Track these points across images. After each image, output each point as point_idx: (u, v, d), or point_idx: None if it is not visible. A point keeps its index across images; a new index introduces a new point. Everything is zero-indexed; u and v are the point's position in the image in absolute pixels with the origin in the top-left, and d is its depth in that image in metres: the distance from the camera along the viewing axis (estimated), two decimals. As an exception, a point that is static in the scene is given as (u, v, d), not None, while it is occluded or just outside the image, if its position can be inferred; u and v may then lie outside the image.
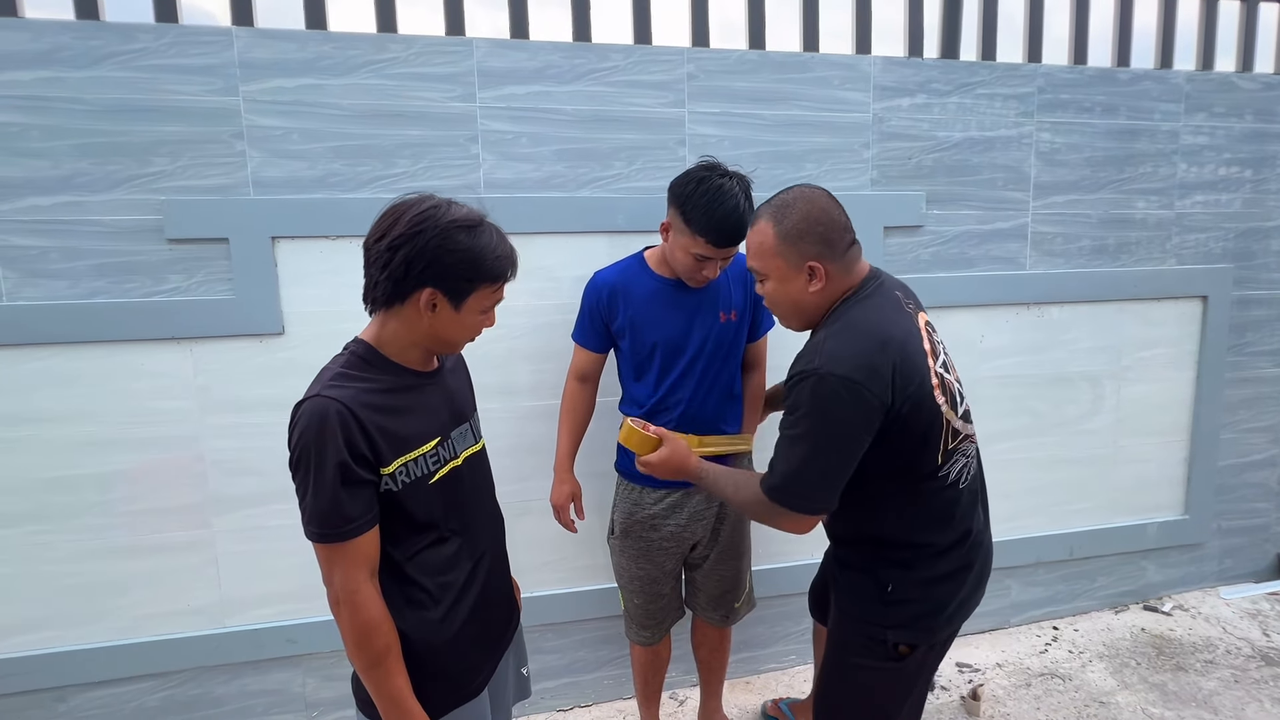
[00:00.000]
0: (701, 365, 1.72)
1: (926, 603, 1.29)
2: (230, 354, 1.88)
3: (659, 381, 1.73)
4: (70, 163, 1.75)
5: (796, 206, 1.24)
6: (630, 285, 1.73)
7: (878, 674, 1.31)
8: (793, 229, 1.23)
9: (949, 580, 1.29)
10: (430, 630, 1.11)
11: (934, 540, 1.28)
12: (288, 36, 1.82)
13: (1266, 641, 2.52)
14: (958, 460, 1.27)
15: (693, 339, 1.70)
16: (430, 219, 1.03)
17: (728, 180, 1.54)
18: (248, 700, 2.03)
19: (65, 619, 1.89)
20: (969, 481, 1.31)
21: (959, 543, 1.29)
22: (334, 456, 0.98)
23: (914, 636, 1.29)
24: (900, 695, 1.34)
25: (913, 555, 1.28)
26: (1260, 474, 2.80)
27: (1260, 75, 2.57)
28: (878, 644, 1.30)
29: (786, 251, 1.24)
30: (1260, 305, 2.67)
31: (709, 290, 1.70)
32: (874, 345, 1.17)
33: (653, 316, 1.71)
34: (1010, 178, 2.36)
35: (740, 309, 1.74)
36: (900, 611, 1.29)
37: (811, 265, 1.23)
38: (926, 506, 1.26)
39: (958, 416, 1.26)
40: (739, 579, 1.90)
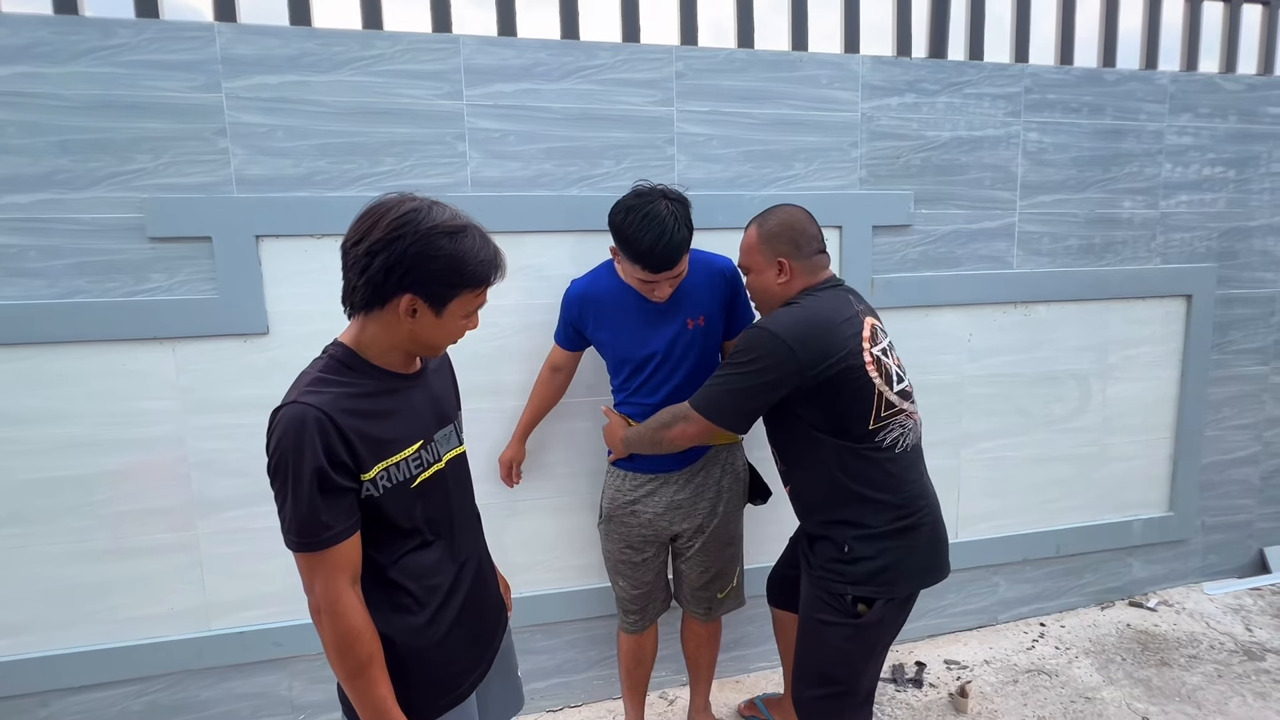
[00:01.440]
0: (668, 369, 1.76)
1: (880, 558, 1.47)
2: (214, 354, 1.86)
3: (628, 383, 1.81)
4: (50, 159, 1.73)
5: (776, 214, 1.58)
6: (599, 294, 1.78)
7: (841, 629, 1.50)
8: (769, 230, 1.56)
9: (899, 536, 1.49)
10: (416, 635, 1.10)
11: (878, 499, 1.48)
12: (271, 32, 1.80)
13: (1249, 636, 2.55)
14: (893, 429, 1.49)
15: (658, 345, 1.74)
16: (410, 223, 0.99)
17: (657, 204, 1.56)
18: (233, 704, 2.01)
19: (47, 623, 1.86)
20: (908, 450, 1.52)
21: (903, 505, 1.50)
22: (311, 464, 0.96)
23: (871, 591, 1.48)
24: (863, 648, 1.52)
25: (859, 513, 1.49)
26: (1243, 471, 2.83)
27: (1244, 76, 2.59)
28: (839, 599, 1.50)
29: (764, 248, 1.56)
30: (1243, 304, 2.70)
31: (675, 297, 1.72)
32: (803, 321, 1.45)
33: (618, 324, 1.77)
34: (998, 177, 2.37)
35: (710, 313, 1.76)
36: (857, 569, 1.48)
37: (780, 261, 1.54)
38: (866, 467, 1.48)
39: (893, 391, 1.49)
40: (723, 571, 1.91)
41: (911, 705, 2.23)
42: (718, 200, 2.10)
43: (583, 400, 2.09)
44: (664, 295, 1.67)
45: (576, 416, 2.11)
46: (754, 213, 2.09)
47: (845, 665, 1.53)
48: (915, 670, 2.39)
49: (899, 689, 2.31)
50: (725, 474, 1.86)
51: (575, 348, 1.90)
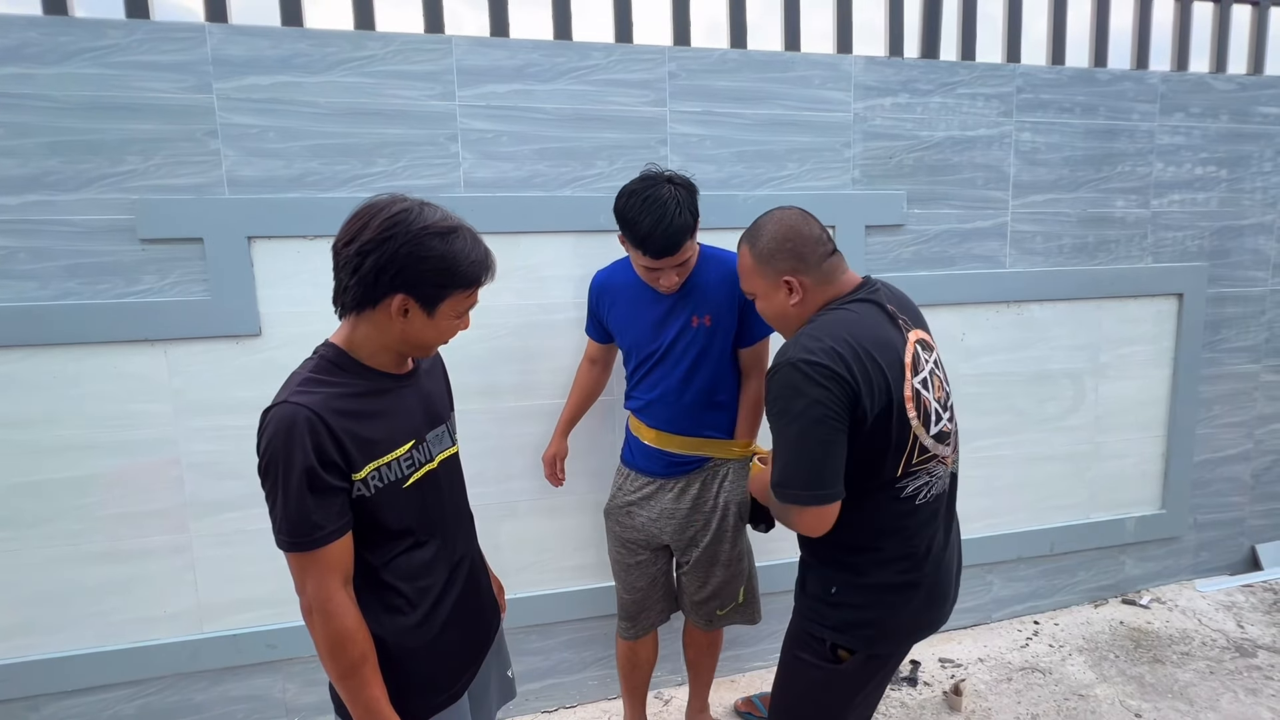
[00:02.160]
0: (668, 366, 1.72)
1: (867, 610, 1.29)
2: (206, 355, 1.86)
3: (635, 378, 1.80)
4: (39, 161, 1.72)
5: (767, 227, 1.31)
6: (616, 285, 1.78)
7: (817, 671, 1.33)
8: (765, 249, 1.29)
9: (893, 593, 1.29)
10: (408, 636, 1.09)
11: (881, 548, 1.27)
12: (262, 33, 1.80)
13: (1241, 633, 2.57)
14: (920, 477, 1.26)
15: (661, 341, 1.71)
16: (401, 224, 1.00)
17: (660, 189, 1.53)
18: (227, 706, 2.00)
19: (38, 626, 1.86)
20: (929, 501, 1.29)
21: (907, 557, 1.28)
22: (302, 464, 0.96)
23: (850, 642, 1.30)
24: (837, 697, 1.34)
25: (858, 559, 1.29)
26: (1235, 468, 2.84)
27: (1234, 76, 2.61)
28: (817, 641, 1.32)
29: (763, 269, 1.30)
30: (1235, 302, 2.71)
31: (684, 293, 1.69)
32: (837, 340, 1.18)
33: (628, 317, 1.76)
34: (990, 177, 2.38)
35: (718, 313, 1.69)
36: (840, 614, 1.30)
37: (787, 280, 1.27)
38: (877, 514, 1.26)
39: (929, 435, 1.25)
40: (721, 590, 1.85)
41: (906, 704, 2.24)
42: (711, 201, 2.09)
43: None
44: (670, 285, 1.62)
45: (571, 417, 2.11)
46: (747, 213, 2.11)
47: (817, 711, 1.36)
48: (910, 669, 2.40)
49: (893, 687, 2.31)
50: (725, 491, 1.79)
51: (603, 339, 1.89)
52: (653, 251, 1.54)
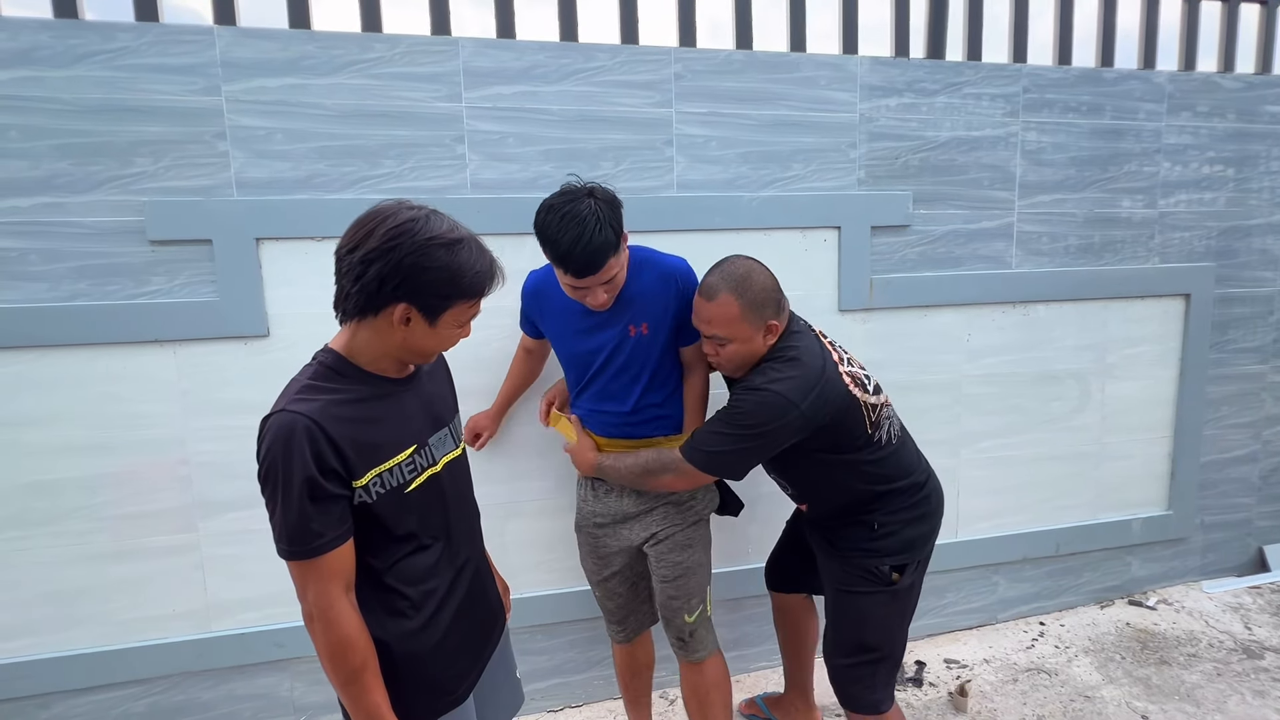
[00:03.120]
0: (608, 378, 1.66)
1: (907, 530, 1.63)
2: (214, 356, 1.87)
3: (575, 388, 1.75)
4: (50, 163, 1.73)
5: (754, 279, 1.52)
6: (549, 293, 1.69)
7: (879, 598, 1.63)
8: (754, 300, 1.51)
9: (918, 508, 1.65)
10: (412, 639, 1.10)
11: (894, 485, 1.62)
12: (270, 36, 1.81)
13: (1248, 635, 2.56)
14: (883, 425, 1.61)
15: (597, 354, 1.65)
16: (407, 233, 0.99)
17: (580, 203, 1.43)
18: (235, 705, 2.01)
19: (48, 625, 1.87)
20: (899, 434, 1.66)
21: (914, 483, 1.65)
22: (301, 472, 0.95)
23: (904, 558, 1.62)
24: (900, 612, 1.67)
25: (884, 500, 1.62)
26: (1242, 469, 2.83)
27: (1242, 75, 2.60)
28: (875, 573, 1.62)
29: (751, 318, 1.51)
30: (1242, 303, 2.70)
31: (617, 303, 1.60)
32: (815, 376, 1.50)
33: (561, 329, 1.70)
34: (996, 177, 2.37)
35: (655, 320, 1.63)
36: (888, 542, 1.62)
37: (771, 324, 1.54)
38: (876, 465, 1.60)
39: (870, 394, 1.59)
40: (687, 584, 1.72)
41: (911, 704, 2.24)
42: (716, 201, 2.10)
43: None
44: (600, 303, 1.54)
45: (576, 417, 2.12)
46: (751, 214, 2.13)
47: (884, 631, 1.65)
48: (915, 669, 2.40)
49: (899, 688, 2.31)
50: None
51: (537, 336, 1.86)
52: (573, 270, 1.45)
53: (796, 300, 1.94)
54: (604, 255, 1.44)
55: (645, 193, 2.07)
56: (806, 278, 2.22)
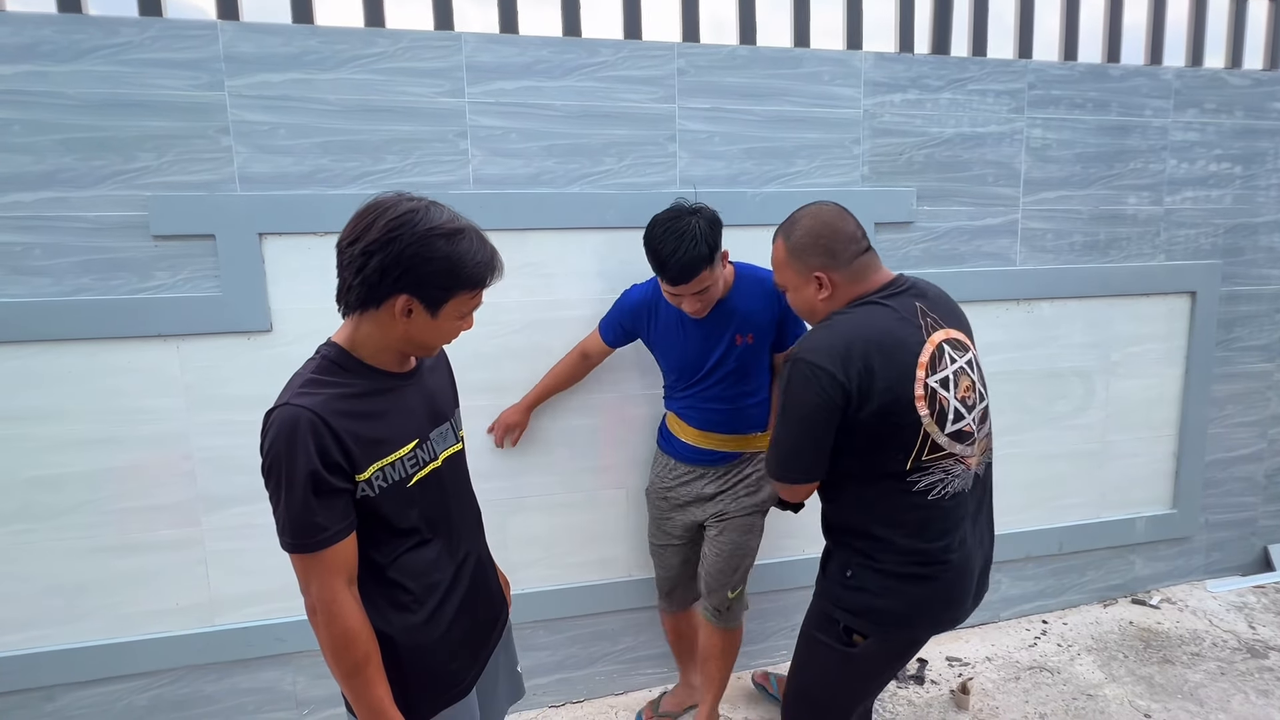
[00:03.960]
0: (715, 380, 1.83)
1: (881, 597, 1.32)
2: (217, 351, 1.87)
3: (677, 388, 1.91)
4: (54, 158, 1.73)
5: (802, 222, 1.34)
6: (658, 307, 1.86)
7: (830, 651, 1.38)
8: (798, 243, 1.33)
9: (908, 583, 1.31)
10: (415, 632, 1.10)
11: (891, 539, 1.31)
12: (274, 30, 1.81)
13: (1252, 634, 2.55)
14: (933, 473, 1.28)
15: (707, 361, 1.82)
16: (407, 224, 0.99)
17: (683, 220, 1.62)
18: (238, 699, 2.02)
19: (52, 618, 1.88)
20: (944, 499, 1.30)
21: (921, 552, 1.30)
22: (305, 466, 0.95)
23: (862, 626, 1.34)
24: (850, 679, 1.41)
25: (871, 546, 1.33)
26: (1247, 468, 2.82)
27: (1250, 72, 2.58)
28: (833, 623, 1.38)
29: (794, 263, 1.34)
30: (1248, 301, 2.68)
31: (723, 316, 1.77)
32: (842, 340, 1.25)
33: (671, 340, 1.85)
34: (1001, 174, 2.36)
35: (760, 330, 1.80)
36: (854, 598, 1.34)
37: (818, 275, 1.31)
38: (886, 502, 1.30)
39: (943, 433, 1.28)
40: (740, 564, 1.91)
41: (913, 702, 2.24)
42: (719, 198, 2.08)
43: (587, 398, 2.10)
44: (695, 310, 1.71)
45: (579, 414, 2.12)
46: (756, 211, 2.12)
47: (827, 689, 1.43)
48: (917, 667, 2.39)
49: (900, 685, 2.31)
50: (759, 471, 1.90)
51: (617, 345, 1.97)
52: (669, 277, 1.65)
53: (799, 297, 1.94)
54: (697, 267, 1.61)
55: (650, 188, 2.06)
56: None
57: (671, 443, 1.95)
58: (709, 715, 2.03)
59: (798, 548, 2.33)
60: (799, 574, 2.32)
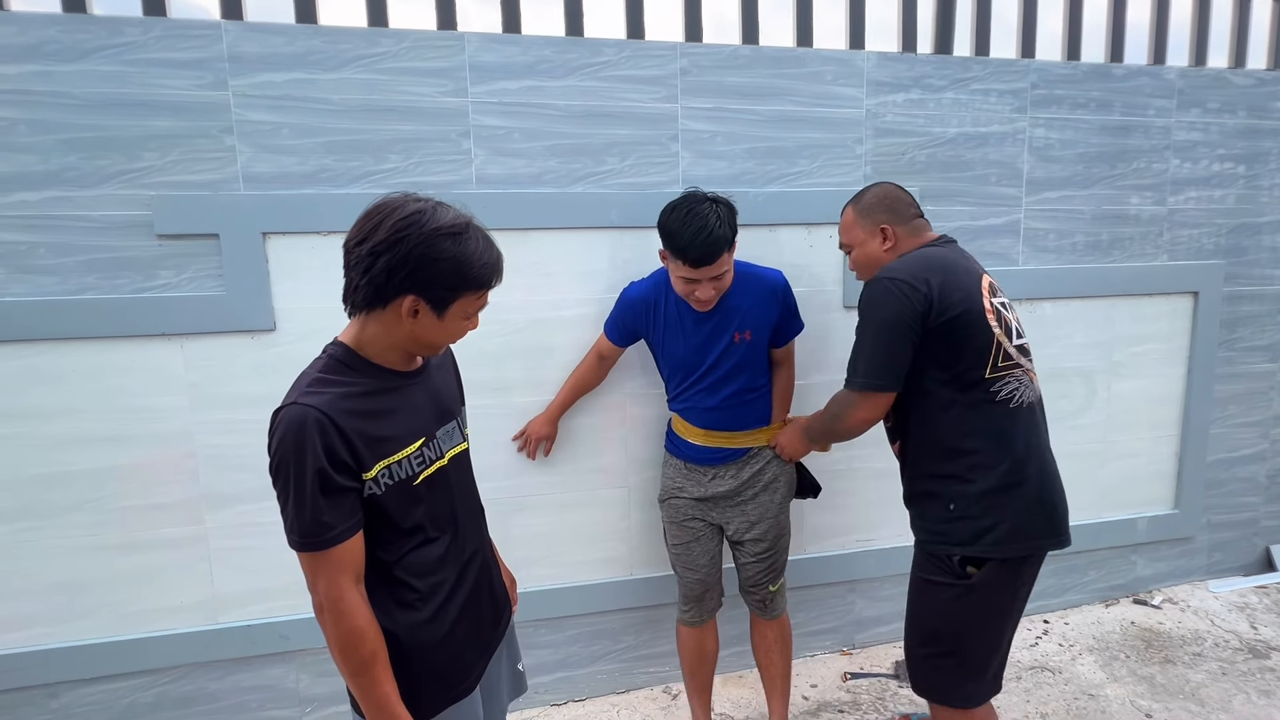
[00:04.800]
0: (717, 378, 1.82)
1: (985, 518, 1.44)
2: (221, 350, 1.88)
3: (678, 389, 1.89)
4: (58, 157, 1.74)
5: (871, 190, 1.62)
6: (657, 305, 1.85)
7: (948, 589, 1.48)
8: (865, 204, 1.60)
9: (1006, 494, 1.44)
10: (420, 631, 1.10)
11: (983, 449, 1.45)
12: (277, 30, 1.81)
13: (1254, 634, 2.55)
14: (1008, 381, 1.46)
15: (708, 358, 1.81)
16: (414, 224, 0.99)
17: (703, 205, 1.64)
18: (241, 696, 2.03)
19: (57, 615, 1.89)
20: (1021, 404, 1.47)
21: (1009, 457, 1.45)
22: (313, 465, 0.96)
23: (977, 551, 1.44)
24: (974, 612, 1.48)
25: (965, 468, 1.45)
26: (1249, 468, 2.82)
27: (1253, 71, 2.57)
28: (945, 560, 1.49)
29: (863, 221, 1.60)
30: (1251, 301, 2.68)
31: (724, 312, 1.77)
32: (920, 262, 1.46)
33: (673, 337, 1.84)
34: (1003, 174, 2.36)
35: (758, 327, 1.81)
36: (962, 527, 1.45)
37: (883, 228, 1.56)
38: (975, 414, 1.45)
39: (1011, 343, 1.46)
40: (776, 563, 1.93)
41: (915, 700, 2.24)
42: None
43: (588, 397, 2.10)
44: (707, 298, 1.70)
45: (582, 413, 2.12)
46: (758, 210, 2.13)
47: (953, 625, 1.49)
48: (918, 666, 2.40)
49: (901, 684, 2.31)
50: (771, 466, 1.90)
51: (625, 344, 1.96)
52: (692, 260, 1.62)
53: (801, 297, 1.95)
54: (721, 248, 1.62)
55: (652, 188, 2.06)
56: (811, 275, 2.22)
57: (679, 445, 1.93)
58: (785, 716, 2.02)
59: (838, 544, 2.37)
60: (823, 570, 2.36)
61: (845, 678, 2.34)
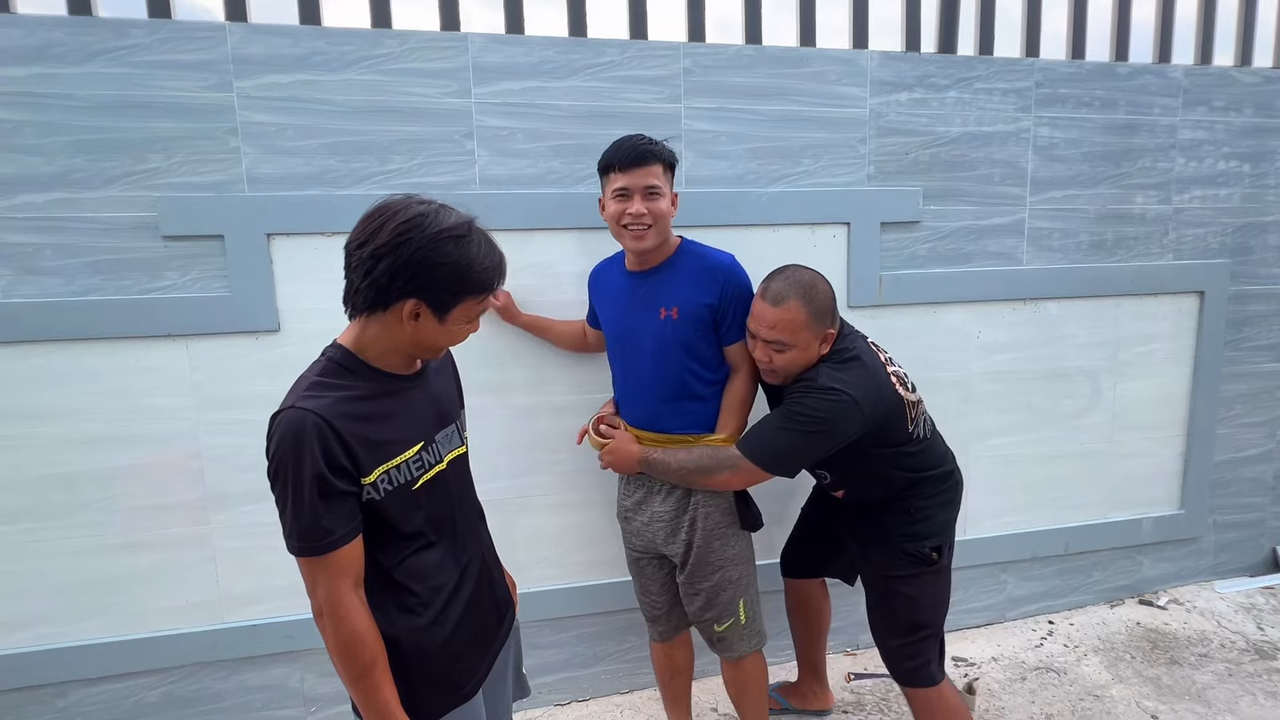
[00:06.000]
0: (635, 355, 1.72)
1: (940, 513, 1.73)
2: (226, 351, 1.88)
3: (614, 369, 1.83)
4: (64, 159, 1.75)
5: (819, 288, 1.59)
6: (604, 275, 1.85)
7: (925, 579, 1.72)
8: (819, 309, 1.58)
9: (946, 493, 1.76)
10: (422, 635, 1.10)
11: (930, 473, 1.72)
12: (281, 32, 1.82)
13: (1260, 635, 2.54)
14: (921, 422, 1.71)
15: (633, 332, 1.72)
16: (416, 228, 0.99)
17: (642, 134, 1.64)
18: (246, 695, 2.04)
19: (64, 615, 1.90)
20: (930, 429, 1.76)
21: (944, 471, 1.76)
22: (311, 470, 0.95)
23: (939, 540, 1.72)
24: (943, 589, 1.76)
25: (919, 489, 1.71)
26: (1256, 469, 2.80)
27: (1259, 69, 2.56)
28: (916, 556, 1.70)
29: (814, 326, 1.58)
30: (1257, 300, 2.67)
31: (654, 285, 1.68)
32: (878, 382, 1.60)
33: (607, 307, 1.80)
34: (1007, 173, 2.35)
35: (686, 305, 1.64)
36: (925, 525, 1.71)
37: (829, 333, 1.61)
38: (913, 457, 1.70)
39: (910, 393, 1.68)
40: (713, 601, 1.74)
41: (918, 702, 2.23)
42: (724, 198, 2.10)
43: (589, 397, 2.10)
44: (637, 214, 1.58)
45: (587, 413, 2.12)
46: (760, 210, 2.12)
47: (932, 608, 1.74)
48: (922, 667, 2.40)
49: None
50: (704, 493, 1.71)
51: (594, 324, 1.93)
52: (620, 160, 1.58)
53: (805, 297, 1.94)
54: (650, 155, 1.59)
55: (654, 189, 2.06)
56: (815, 274, 2.21)
57: None
58: None
59: None
60: None
61: (849, 678, 2.34)
